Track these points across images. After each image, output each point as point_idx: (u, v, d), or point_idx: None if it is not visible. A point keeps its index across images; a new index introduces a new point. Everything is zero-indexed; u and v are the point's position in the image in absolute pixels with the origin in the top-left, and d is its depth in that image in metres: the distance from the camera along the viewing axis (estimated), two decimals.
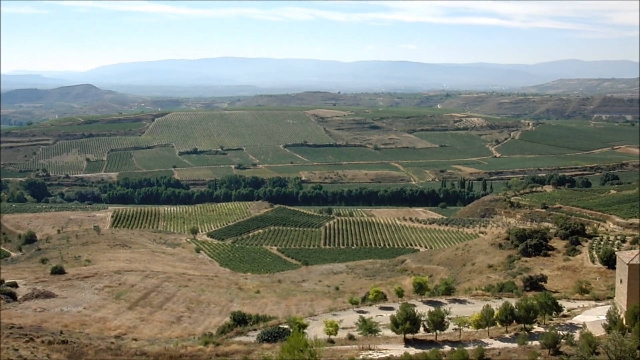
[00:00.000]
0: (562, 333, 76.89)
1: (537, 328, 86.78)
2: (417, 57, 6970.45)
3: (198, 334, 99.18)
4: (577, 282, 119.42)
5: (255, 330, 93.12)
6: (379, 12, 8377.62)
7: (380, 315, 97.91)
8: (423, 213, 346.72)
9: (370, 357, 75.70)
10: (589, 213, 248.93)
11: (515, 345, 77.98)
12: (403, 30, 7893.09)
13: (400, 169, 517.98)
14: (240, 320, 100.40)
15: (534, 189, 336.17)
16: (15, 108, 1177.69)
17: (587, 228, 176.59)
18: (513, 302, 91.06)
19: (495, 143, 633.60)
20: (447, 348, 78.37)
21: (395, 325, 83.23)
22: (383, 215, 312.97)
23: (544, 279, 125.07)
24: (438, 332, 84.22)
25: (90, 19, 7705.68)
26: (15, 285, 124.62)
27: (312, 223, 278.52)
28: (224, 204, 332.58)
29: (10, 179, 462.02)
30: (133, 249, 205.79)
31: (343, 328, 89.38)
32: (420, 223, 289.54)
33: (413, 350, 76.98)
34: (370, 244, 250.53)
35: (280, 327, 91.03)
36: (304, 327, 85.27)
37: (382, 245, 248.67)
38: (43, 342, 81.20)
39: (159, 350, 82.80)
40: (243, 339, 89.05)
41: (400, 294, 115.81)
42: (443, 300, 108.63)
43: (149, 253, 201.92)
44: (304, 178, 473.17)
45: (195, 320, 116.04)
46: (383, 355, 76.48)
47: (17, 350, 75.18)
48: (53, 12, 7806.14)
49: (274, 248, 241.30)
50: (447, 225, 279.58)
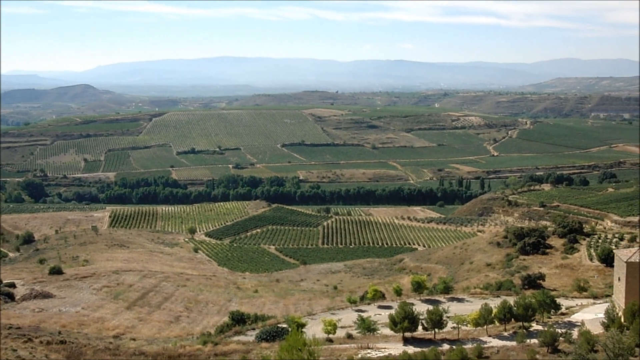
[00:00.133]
0: (560, 331, 76.92)
1: (535, 326, 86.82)
2: (415, 56, 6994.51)
3: (196, 334, 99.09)
4: (575, 280, 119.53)
5: (254, 330, 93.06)
6: (377, 11, 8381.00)
7: (379, 314, 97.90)
8: (421, 212, 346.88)
9: (369, 356, 75.67)
10: (587, 211, 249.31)
11: (514, 344, 77.98)
12: (401, 30, 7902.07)
13: (398, 168, 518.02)
14: (239, 320, 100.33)
15: (532, 188, 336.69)
16: (13, 108, 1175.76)
17: (585, 226, 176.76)
18: (511, 300, 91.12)
19: (493, 142, 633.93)
20: (445, 346, 78.37)
21: (394, 324, 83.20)
22: (381, 214, 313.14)
23: (542, 277, 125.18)
24: (436, 330, 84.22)
25: (88, 19, 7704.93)
26: (14, 286, 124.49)
27: (310, 222, 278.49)
28: (222, 204, 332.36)
29: (8, 180, 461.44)
30: (131, 249, 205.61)
31: (341, 327, 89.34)
32: (419, 222, 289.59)
33: (412, 349, 76.95)
34: (369, 243, 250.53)
35: (279, 326, 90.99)
36: (303, 326, 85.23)
37: (380, 244, 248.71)
38: (41, 342, 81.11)
39: (158, 350, 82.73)
40: (241, 339, 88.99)
41: (399, 293, 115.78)
42: (441, 299, 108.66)
43: (147, 253, 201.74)
44: (302, 177, 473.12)
45: (194, 320, 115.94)
46: (382, 354, 76.45)
47: (15, 351, 75.10)
48: (51, 12, 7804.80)
49: (272, 247, 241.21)
50: (445, 224, 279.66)
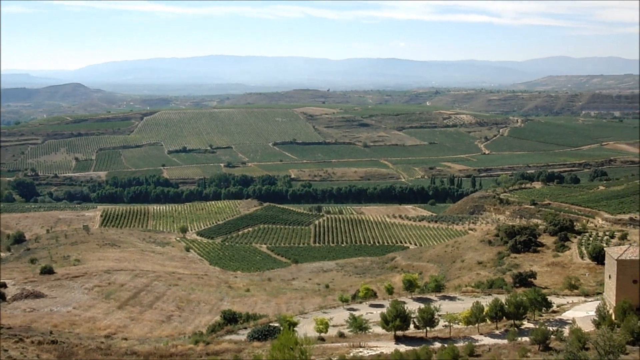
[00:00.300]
0: (551, 329, 77.20)
1: (526, 324, 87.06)
2: (407, 54, 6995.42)
3: (188, 333, 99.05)
4: (566, 278, 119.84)
5: (246, 329, 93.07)
6: (371, 10, 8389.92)
7: (371, 313, 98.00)
8: (412, 210, 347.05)
9: (361, 354, 75.76)
10: (578, 209, 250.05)
11: (505, 342, 78.20)
12: (393, 28, 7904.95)
13: (390, 167, 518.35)
14: (231, 319, 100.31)
15: (523, 186, 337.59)
16: (4, 107, 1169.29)
17: (576, 224, 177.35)
18: (503, 298, 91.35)
19: (484, 140, 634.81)
20: (437, 345, 78.51)
21: (386, 323, 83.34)
22: (373, 213, 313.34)
23: (534, 275, 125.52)
24: (428, 329, 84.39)
25: (80, 18, 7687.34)
26: (4, 286, 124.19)
27: (301, 221, 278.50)
28: (214, 203, 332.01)
29: None
30: (122, 248, 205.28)
31: (333, 326, 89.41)
32: (410, 220, 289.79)
33: (403, 348, 77.08)
34: (360, 242, 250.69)
35: (271, 325, 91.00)
36: (294, 325, 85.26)
37: (371, 243, 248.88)
38: (33, 342, 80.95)
39: (149, 350, 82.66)
40: (233, 338, 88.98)
41: (390, 292, 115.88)
42: (433, 297, 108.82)
43: (139, 252, 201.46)
44: (294, 176, 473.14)
45: (186, 319, 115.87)
46: (373, 353, 76.55)
47: (6, 351, 74.90)
48: (43, 10, 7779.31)
49: (264, 246, 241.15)
50: (436, 223, 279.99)
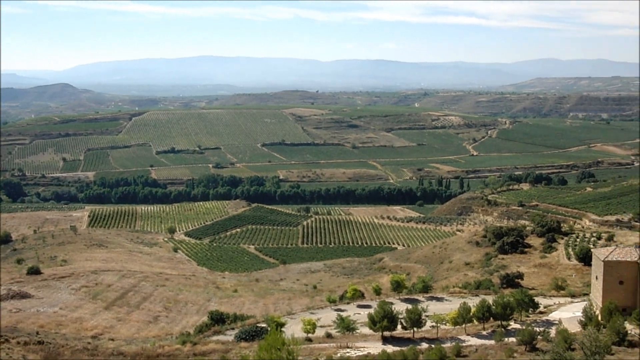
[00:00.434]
0: (538, 329, 77.44)
1: (513, 325, 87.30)
2: (396, 56, 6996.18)
3: (175, 334, 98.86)
4: (553, 279, 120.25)
5: (233, 330, 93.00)
6: (359, 11, 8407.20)
7: (358, 314, 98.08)
8: (401, 211, 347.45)
9: (348, 355, 75.77)
10: (565, 211, 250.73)
11: (492, 342, 78.37)
12: (382, 30, 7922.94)
13: (378, 168, 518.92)
14: (218, 320, 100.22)
15: (511, 187, 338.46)
16: None
17: (563, 225, 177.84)
18: (490, 299, 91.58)
19: (473, 141, 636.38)
20: (424, 345, 78.61)
21: (373, 323, 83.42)
22: (361, 214, 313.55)
23: (521, 276, 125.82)
24: (415, 329, 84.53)
25: (68, 18, 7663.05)
26: None
27: (290, 222, 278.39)
28: (202, 203, 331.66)
29: None
30: (110, 249, 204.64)
31: (321, 326, 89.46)
32: (398, 221, 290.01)
33: (391, 348, 77.17)
34: (348, 243, 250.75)
35: (258, 326, 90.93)
36: (282, 325, 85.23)
37: (359, 244, 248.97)
38: (19, 343, 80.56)
39: (136, 350, 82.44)
40: (221, 338, 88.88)
41: (378, 292, 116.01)
42: (420, 298, 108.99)
43: (126, 253, 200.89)
44: (282, 177, 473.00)
45: (173, 320, 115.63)
46: (361, 353, 76.57)
47: None
48: (31, 11, 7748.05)
49: (252, 247, 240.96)
50: (424, 224, 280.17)
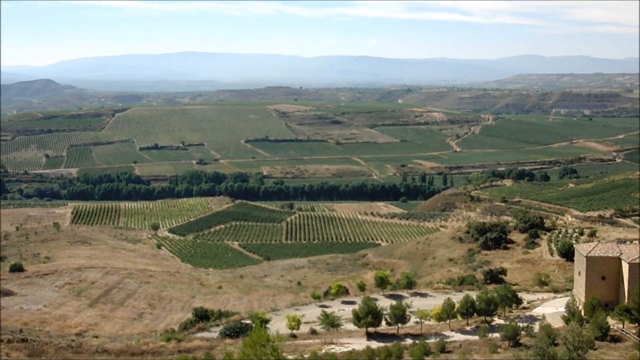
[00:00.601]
0: (522, 325, 77.90)
1: (497, 320, 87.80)
2: (379, 52, 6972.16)
3: (160, 331, 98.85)
4: (536, 274, 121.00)
5: (218, 326, 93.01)
6: (342, 7, 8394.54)
7: (343, 310, 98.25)
8: (384, 207, 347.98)
9: (333, 351, 75.94)
10: (548, 206, 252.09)
11: (476, 338, 78.78)
12: (365, 26, 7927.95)
13: (362, 164, 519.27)
14: (203, 316, 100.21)
15: (494, 183, 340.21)
16: None
17: (546, 221, 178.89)
18: (474, 295, 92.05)
19: (456, 137, 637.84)
20: (408, 341, 78.93)
21: (357, 319, 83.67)
22: (344, 210, 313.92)
23: (504, 272, 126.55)
24: (400, 325, 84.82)
25: (51, 13, 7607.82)
26: None
27: (273, 218, 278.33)
28: (185, 200, 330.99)
29: None
30: (93, 246, 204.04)
31: (305, 322, 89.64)
32: (382, 217, 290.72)
33: (375, 344, 77.36)
34: (332, 239, 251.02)
35: (243, 322, 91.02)
36: (266, 322, 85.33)
37: (343, 240, 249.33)
38: (2, 340, 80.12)
39: (121, 347, 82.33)
40: (205, 335, 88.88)
41: (362, 288, 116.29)
42: (404, 294, 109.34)
43: (110, 249, 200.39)
44: (266, 173, 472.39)
45: (157, 317, 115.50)
46: (345, 349, 76.78)
47: None
48: (12, 6, 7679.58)
49: (236, 243, 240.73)
50: (408, 220, 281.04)
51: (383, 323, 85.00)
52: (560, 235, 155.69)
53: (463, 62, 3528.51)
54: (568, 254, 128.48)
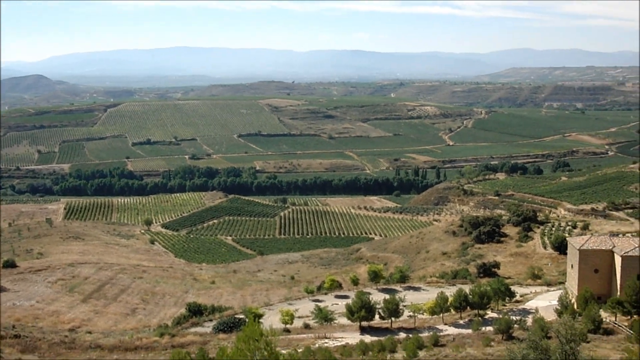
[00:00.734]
0: (515, 318, 78.15)
1: (490, 314, 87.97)
2: (371, 46, 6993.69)
3: (153, 326, 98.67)
4: (529, 267, 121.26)
5: (211, 321, 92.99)
6: (334, 1, 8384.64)
7: (336, 304, 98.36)
8: (377, 202, 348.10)
9: (326, 345, 75.96)
10: (541, 200, 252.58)
11: (470, 331, 78.91)
12: (358, 20, 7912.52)
13: (355, 158, 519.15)
14: (196, 311, 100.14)
15: (487, 177, 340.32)
16: None
17: (539, 215, 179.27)
18: (467, 288, 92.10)
19: (449, 131, 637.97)
20: (402, 335, 79.02)
21: (351, 314, 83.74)
22: (338, 204, 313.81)
23: (497, 266, 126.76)
24: (393, 319, 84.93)
25: (42, 9, 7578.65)
26: None
27: (267, 213, 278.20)
28: (178, 195, 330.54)
29: None
30: (86, 241, 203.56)
31: (299, 317, 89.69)
32: (375, 212, 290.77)
33: (368, 338, 77.48)
34: (325, 233, 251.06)
35: (236, 317, 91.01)
36: (260, 316, 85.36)
37: (337, 234, 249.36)
38: None
39: (114, 343, 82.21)
40: (199, 330, 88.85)
41: (356, 283, 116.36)
42: (398, 288, 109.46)
43: (103, 245, 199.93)
44: (259, 168, 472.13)
45: (151, 312, 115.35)
46: (339, 344, 76.81)
47: None
48: (2, 2, 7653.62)
49: (229, 238, 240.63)
50: (401, 214, 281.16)
51: (376, 317, 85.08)
52: (554, 229, 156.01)
53: (455, 55, 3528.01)
54: (561, 247, 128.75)
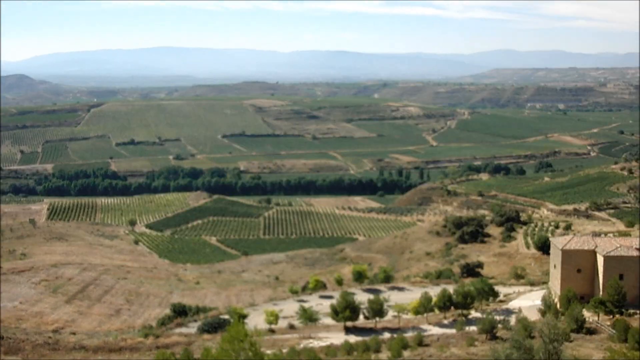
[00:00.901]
0: (498, 318, 78.56)
1: (474, 314, 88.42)
2: (355, 47, 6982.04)
3: (138, 327, 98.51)
4: (512, 267, 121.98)
5: (196, 322, 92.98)
6: (318, 1, 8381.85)
7: (320, 304, 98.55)
8: (361, 202, 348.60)
9: (311, 345, 76.15)
10: (524, 200, 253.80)
11: (454, 331, 79.30)
12: (341, 20, 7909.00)
13: (339, 159, 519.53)
14: (180, 312, 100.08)
15: (470, 177, 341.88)
16: None
17: (521, 215, 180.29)
18: (451, 288, 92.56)
19: (432, 132, 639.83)
20: (386, 335, 79.32)
21: (335, 314, 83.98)
22: (322, 205, 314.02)
23: (481, 266, 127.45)
24: (377, 319, 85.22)
25: (23, 8, 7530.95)
26: None
27: (251, 213, 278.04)
28: (163, 195, 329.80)
29: None
30: (70, 242, 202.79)
31: (283, 317, 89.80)
32: (359, 212, 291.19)
33: (353, 338, 77.72)
34: (310, 234, 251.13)
35: (221, 317, 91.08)
36: (245, 317, 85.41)
37: (321, 235, 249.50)
38: None
39: (98, 344, 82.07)
40: (183, 331, 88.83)
41: (340, 283, 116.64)
42: (382, 288, 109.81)
43: (87, 246, 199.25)
44: (243, 168, 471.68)
45: (135, 313, 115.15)
46: (323, 344, 77.01)
47: None
48: None
49: (214, 239, 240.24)
50: (385, 214, 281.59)
51: (361, 317, 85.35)
52: (536, 229, 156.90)
53: (439, 56, 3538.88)
54: (544, 247, 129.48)
